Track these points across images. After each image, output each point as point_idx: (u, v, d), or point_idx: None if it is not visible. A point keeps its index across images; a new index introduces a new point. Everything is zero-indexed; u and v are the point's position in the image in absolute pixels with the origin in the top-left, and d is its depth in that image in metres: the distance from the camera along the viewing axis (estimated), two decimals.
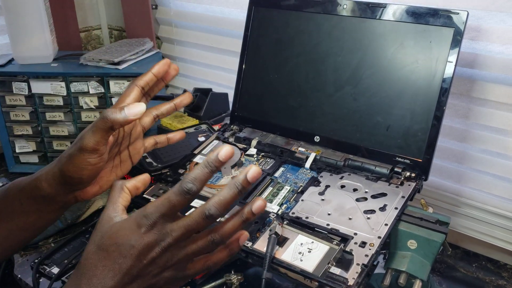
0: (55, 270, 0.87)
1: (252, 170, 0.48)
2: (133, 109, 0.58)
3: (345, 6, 0.82)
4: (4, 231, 0.65)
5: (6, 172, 1.21)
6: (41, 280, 0.86)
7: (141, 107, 0.59)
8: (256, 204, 0.50)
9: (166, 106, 0.72)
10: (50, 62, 1.19)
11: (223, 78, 1.27)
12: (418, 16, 0.76)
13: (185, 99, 0.73)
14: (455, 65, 0.73)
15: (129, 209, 0.92)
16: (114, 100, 1.13)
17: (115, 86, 1.12)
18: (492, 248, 0.93)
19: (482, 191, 0.91)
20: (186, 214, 0.51)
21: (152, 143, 0.73)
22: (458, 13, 0.73)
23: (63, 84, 1.12)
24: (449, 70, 0.73)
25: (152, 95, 0.70)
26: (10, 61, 1.17)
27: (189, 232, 0.50)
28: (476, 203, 0.92)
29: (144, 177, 0.60)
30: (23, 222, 0.65)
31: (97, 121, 0.59)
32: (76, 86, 1.13)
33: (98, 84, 1.12)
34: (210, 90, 1.04)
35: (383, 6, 0.79)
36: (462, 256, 0.95)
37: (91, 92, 1.13)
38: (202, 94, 1.02)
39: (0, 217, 0.65)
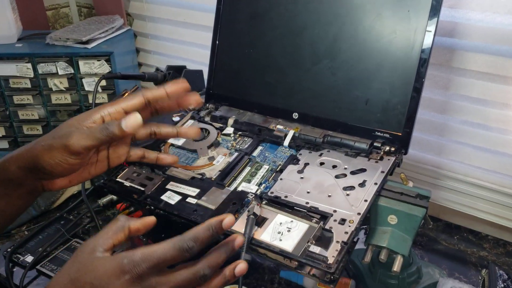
0: (29, 258, 0.84)
1: (228, 219, 0.49)
2: (130, 121, 0.56)
3: None
4: None
5: None
6: (14, 269, 0.84)
7: (136, 118, 0.57)
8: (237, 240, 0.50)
9: (167, 129, 0.66)
10: (14, 42, 1.13)
11: (198, 55, 1.23)
12: None
13: (191, 133, 0.68)
14: (434, 35, 0.71)
15: (103, 193, 0.89)
16: (84, 81, 1.09)
17: (84, 66, 1.08)
18: (474, 219, 0.93)
19: (463, 162, 0.90)
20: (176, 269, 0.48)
21: (139, 155, 0.68)
22: None
23: (29, 65, 1.07)
24: (428, 40, 0.71)
25: (160, 114, 0.66)
26: None
27: None
28: (457, 175, 0.91)
29: (149, 221, 0.54)
30: None
31: (95, 128, 0.57)
32: (43, 67, 1.08)
33: (67, 64, 1.08)
34: (184, 67, 1.00)
35: None
36: (443, 228, 0.95)
37: (60, 73, 1.09)
38: (175, 71, 0.98)
39: None
